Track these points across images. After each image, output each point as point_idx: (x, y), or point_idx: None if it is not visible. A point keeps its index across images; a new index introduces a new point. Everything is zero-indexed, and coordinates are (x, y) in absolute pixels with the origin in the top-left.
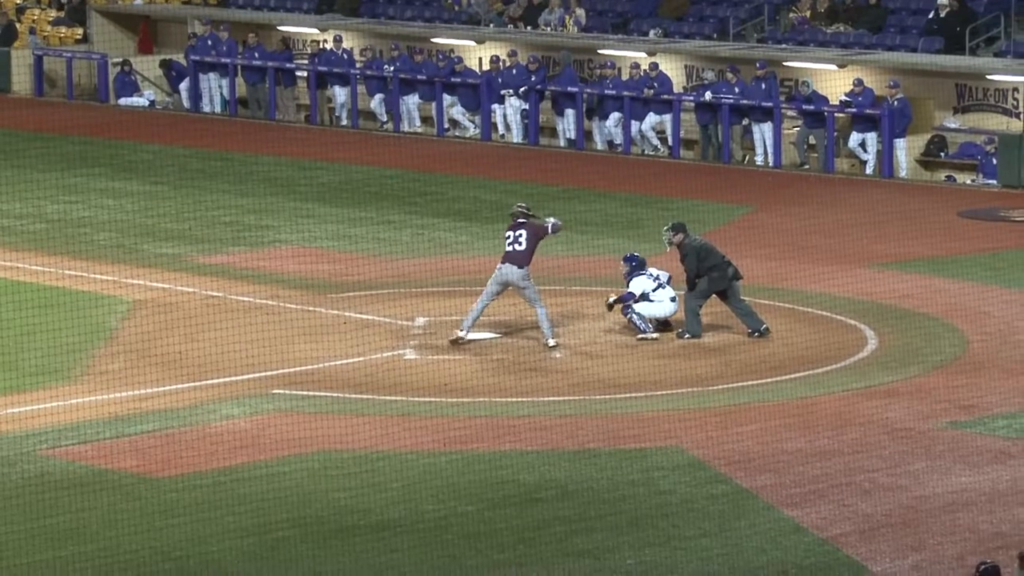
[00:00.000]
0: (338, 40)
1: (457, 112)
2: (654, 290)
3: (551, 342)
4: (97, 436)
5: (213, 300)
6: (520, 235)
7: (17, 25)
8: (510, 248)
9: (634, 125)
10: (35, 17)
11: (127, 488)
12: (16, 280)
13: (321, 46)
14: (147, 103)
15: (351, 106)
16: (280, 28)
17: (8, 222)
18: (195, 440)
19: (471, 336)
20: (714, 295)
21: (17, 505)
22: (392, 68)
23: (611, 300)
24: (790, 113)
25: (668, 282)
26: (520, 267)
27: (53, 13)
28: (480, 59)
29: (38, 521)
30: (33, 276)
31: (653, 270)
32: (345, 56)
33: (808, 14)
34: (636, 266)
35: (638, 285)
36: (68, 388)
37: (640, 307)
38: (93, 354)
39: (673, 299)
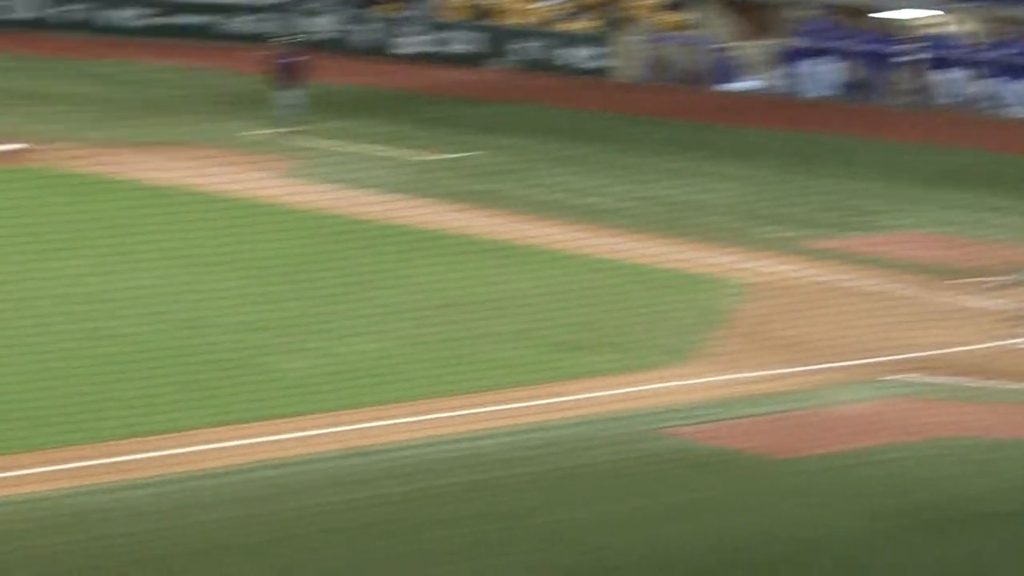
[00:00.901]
0: (950, 23)
1: None
2: None
3: None
4: (711, 416)
5: (822, 285)
6: None
7: (625, 12)
8: None
9: None
10: (643, 3)
11: (741, 469)
12: (634, 263)
13: (932, 30)
14: (752, 87)
15: (962, 90)
16: (888, 14)
17: (621, 204)
18: (807, 425)
19: None
20: None
21: (633, 482)
22: (1007, 51)
23: None
24: None
25: None
26: None
27: None
28: None
29: (654, 498)
30: (648, 259)
31: None
32: (957, 40)
33: None
34: None
35: None
36: (683, 369)
37: None
38: (706, 336)
39: None
